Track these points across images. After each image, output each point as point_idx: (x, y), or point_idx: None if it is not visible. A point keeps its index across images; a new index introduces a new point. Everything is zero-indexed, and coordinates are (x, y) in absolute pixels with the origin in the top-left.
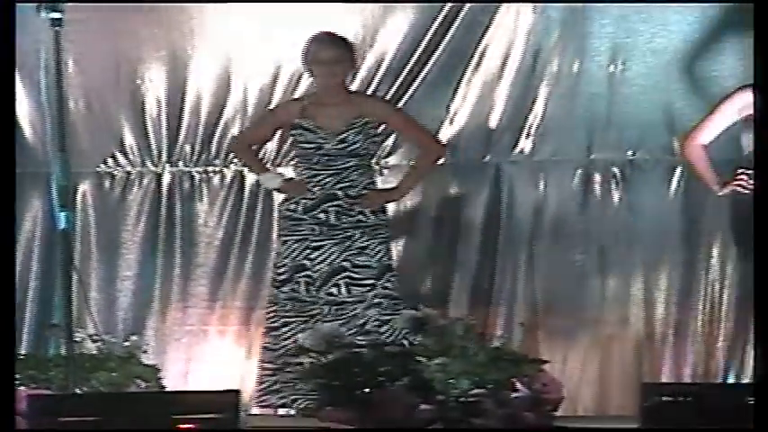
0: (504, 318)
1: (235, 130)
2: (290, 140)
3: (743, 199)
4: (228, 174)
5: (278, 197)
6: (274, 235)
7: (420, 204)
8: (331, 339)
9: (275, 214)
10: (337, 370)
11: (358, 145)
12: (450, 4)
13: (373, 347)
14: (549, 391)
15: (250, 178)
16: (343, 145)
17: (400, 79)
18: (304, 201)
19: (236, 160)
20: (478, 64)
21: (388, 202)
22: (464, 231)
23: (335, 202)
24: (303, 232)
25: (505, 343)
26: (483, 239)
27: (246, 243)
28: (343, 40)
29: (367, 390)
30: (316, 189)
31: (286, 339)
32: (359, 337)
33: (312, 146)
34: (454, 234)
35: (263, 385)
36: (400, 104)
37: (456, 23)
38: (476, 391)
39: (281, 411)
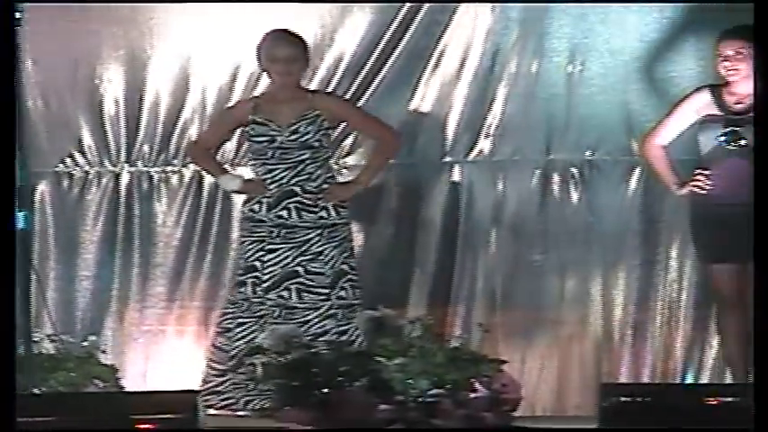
0: (462, 318)
1: (193, 130)
2: (245, 139)
3: (701, 199)
4: (187, 174)
5: (237, 197)
6: (233, 235)
7: (379, 204)
8: (290, 340)
9: (234, 214)
10: (296, 370)
11: (310, 136)
12: (408, 4)
13: (332, 348)
14: (508, 392)
15: (209, 178)
16: (295, 136)
17: (359, 79)
18: (266, 200)
19: (193, 166)
20: (437, 64)
21: (349, 194)
22: (423, 231)
23: (295, 199)
24: (261, 234)
25: (464, 343)
26: (442, 240)
27: (205, 243)
28: (298, 37)
29: (326, 390)
30: (273, 186)
31: (239, 340)
32: (316, 344)
33: (264, 139)
34: (413, 234)
35: (208, 385)
36: (359, 104)
37: (415, 23)
38: (435, 391)
39: (241, 412)
